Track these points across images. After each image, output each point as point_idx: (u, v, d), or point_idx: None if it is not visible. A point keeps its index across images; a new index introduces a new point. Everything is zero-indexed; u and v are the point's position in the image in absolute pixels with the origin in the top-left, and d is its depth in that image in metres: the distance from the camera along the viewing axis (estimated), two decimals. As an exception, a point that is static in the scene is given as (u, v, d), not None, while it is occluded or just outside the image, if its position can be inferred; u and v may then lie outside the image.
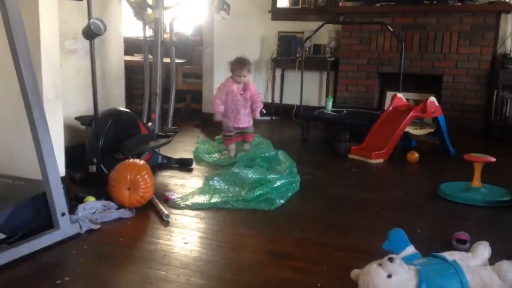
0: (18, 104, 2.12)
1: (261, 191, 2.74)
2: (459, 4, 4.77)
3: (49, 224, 2.13)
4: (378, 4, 5.05)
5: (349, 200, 2.89)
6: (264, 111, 4.29)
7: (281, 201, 2.73)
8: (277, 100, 5.78)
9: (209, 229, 2.38)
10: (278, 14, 5.83)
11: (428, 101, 3.84)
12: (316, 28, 4.83)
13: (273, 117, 5.56)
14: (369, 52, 5.19)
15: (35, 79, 1.98)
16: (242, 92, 3.62)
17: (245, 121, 3.67)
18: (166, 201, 2.70)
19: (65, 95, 2.94)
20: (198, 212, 2.58)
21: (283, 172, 3.01)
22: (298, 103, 4.96)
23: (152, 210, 2.58)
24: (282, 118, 5.59)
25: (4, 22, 1.88)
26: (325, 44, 5.50)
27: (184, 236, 2.27)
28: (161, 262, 1.99)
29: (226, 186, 2.93)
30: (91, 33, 2.64)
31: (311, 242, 2.24)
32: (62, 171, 2.76)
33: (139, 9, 3.60)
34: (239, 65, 3.59)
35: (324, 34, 5.35)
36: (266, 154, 3.40)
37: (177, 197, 2.74)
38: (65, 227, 2.14)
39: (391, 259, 1.56)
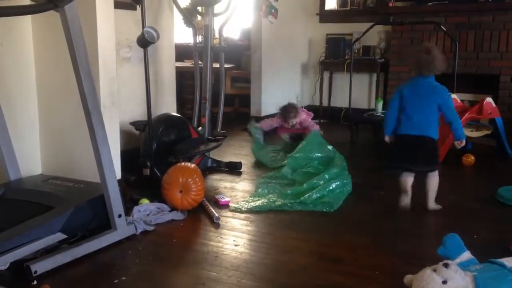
0: (78, 111, 2.22)
1: (318, 194, 2.77)
2: (517, 1, 4.58)
3: (106, 225, 2.22)
4: (430, 3, 4.92)
5: (401, 204, 2.83)
6: (312, 114, 4.31)
7: (339, 203, 2.73)
8: (325, 103, 5.74)
9: (259, 231, 2.40)
10: (326, 16, 5.80)
11: (485, 102, 3.70)
12: (365, 29, 4.76)
13: (321, 120, 5.52)
14: (421, 52, 5.05)
15: (94, 86, 2.07)
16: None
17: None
18: (217, 204, 2.75)
19: (120, 101, 3.05)
20: (247, 215, 2.60)
21: (331, 171, 3.02)
22: (347, 106, 4.91)
23: (203, 213, 2.63)
24: (331, 121, 5.55)
25: (65, 32, 1.97)
26: (374, 46, 5.42)
27: (235, 239, 2.30)
28: (213, 264, 2.03)
29: (277, 189, 2.95)
30: (145, 42, 2.74)
31: (363, 246, 2.21)
32: (118, 174, 2.87)
33: (189, 16, 3.68)
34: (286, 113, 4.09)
35: (373, 35, 5.26)
36: (319, 154, 3.40)
37: (242, 201, 2.79)
38: (122, 228, 2.23)
39: (446, 265, 1.51)
